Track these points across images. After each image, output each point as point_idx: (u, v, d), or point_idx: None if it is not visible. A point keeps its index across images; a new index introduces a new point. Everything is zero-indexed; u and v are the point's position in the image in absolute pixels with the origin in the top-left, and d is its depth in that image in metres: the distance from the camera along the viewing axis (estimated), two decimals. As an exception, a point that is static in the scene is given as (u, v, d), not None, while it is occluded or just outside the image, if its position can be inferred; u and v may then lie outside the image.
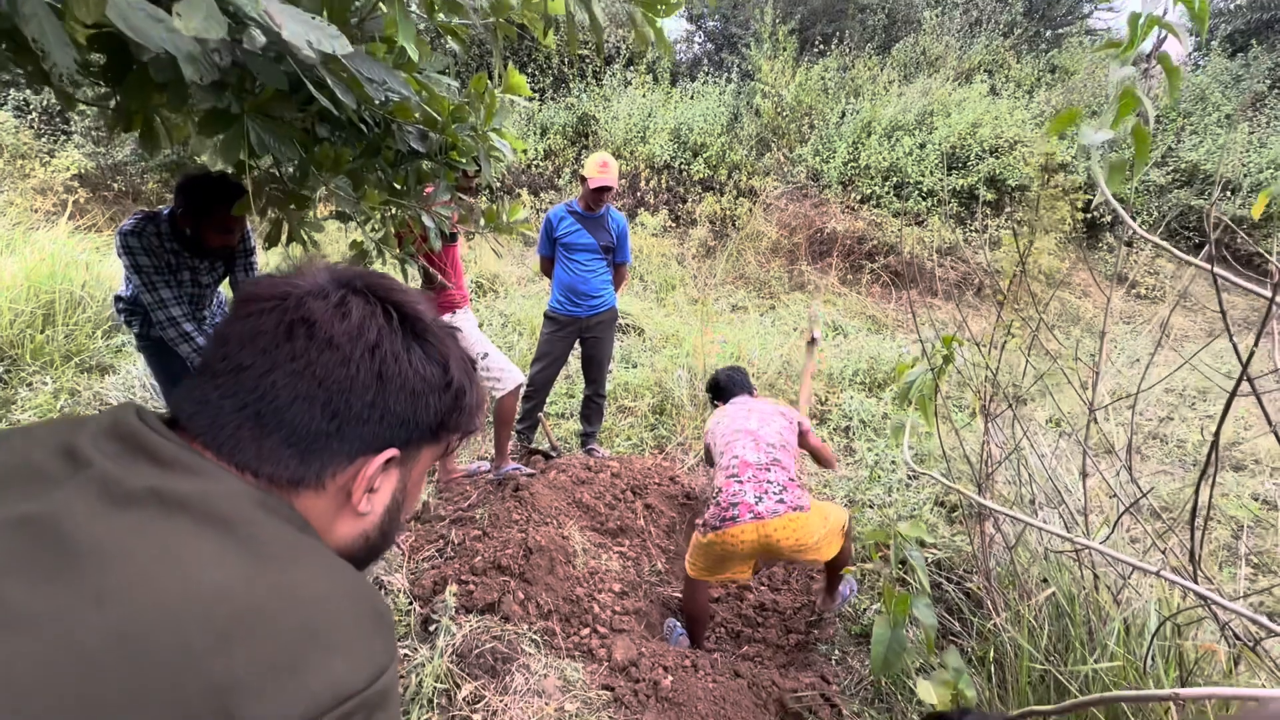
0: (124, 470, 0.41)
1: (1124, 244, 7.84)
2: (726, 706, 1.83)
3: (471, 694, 1.76)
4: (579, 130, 8.67)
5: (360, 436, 0.51)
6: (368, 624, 0.43)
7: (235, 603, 0.38)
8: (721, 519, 2.01)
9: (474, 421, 0.61)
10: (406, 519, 0.63)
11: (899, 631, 1.41)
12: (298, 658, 0.38)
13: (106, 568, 0.37)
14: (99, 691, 0.33)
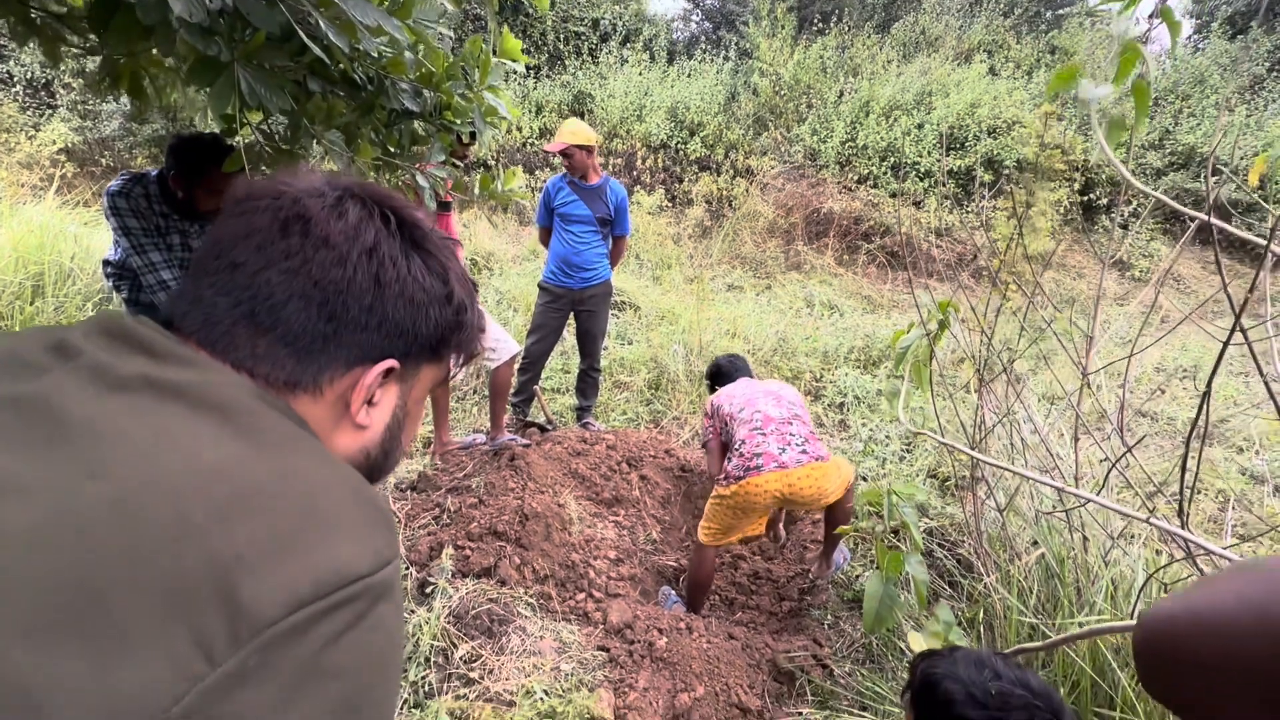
0: (116, 359, 0.41)
1: (1119, 226, 7.85)
2: (720, 666, 1.86)
3: (469, 653, 1.78)
4: (575, 108, 8.57)
5: (358, 343, 0.50)
6: (371, 516, 0.42)
7: (235, 481, 0.37)
8: (745, 469, 2.05)
9: (475, 342, 0.60)
10: (408, 442, 0.61)
11: (891, 587, 1.43)
12: (300, 538, 0.37)
13: (100, 442, 0.36)
14: (95, 559, 0.33)
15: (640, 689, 1.79)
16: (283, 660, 0.34)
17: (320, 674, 0.36)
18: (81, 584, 0.32)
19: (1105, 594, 1.58)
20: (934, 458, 3.03)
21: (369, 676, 0.39)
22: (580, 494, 2.70)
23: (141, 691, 0.31)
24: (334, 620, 0.37)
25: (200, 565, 0.34)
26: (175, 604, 0.33)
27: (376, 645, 0.39)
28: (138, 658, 0.32)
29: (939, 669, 0.84)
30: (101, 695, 0.31)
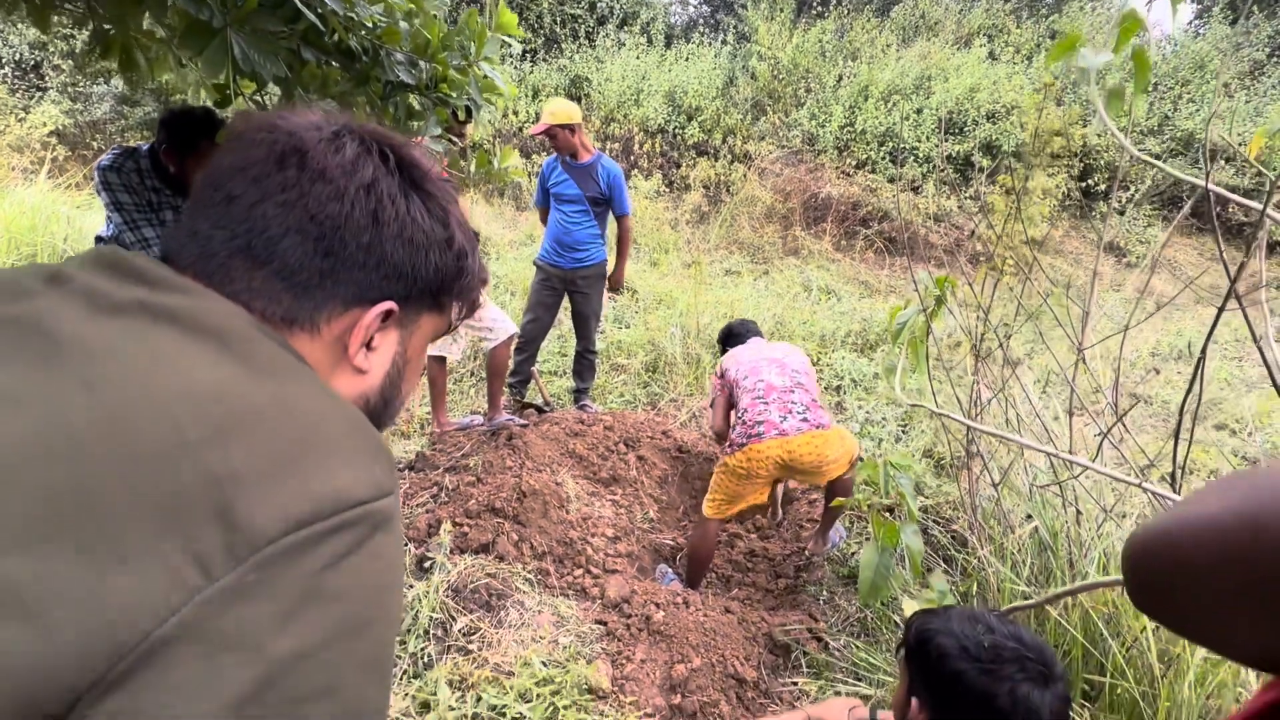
0: (110, 285, 0.40)
1: (1116, 212, 7.84)
2: (717, 639, 1.88)
3: (467, 626, 1.79)
4: (571, 93, 8.50)
5: (355, 282, 0.49)
6: (371, 447, 0.42)
7: (231, 402, 0.37)
8: (747, 436, 2.07)
9: (476, 291, 0.59)
10: (408, 393, 0.60)
11: (886, 557, 1.44)
12: (298, 461, 0.37)
13: (92, 359, 0.36)
14: (88, 469, 0.33)
15: (638, 660, 1.81)
16: (282, 579, 0.34)
17: (321, 596, 0.36)
18: (75, 493, 0.32)
19: (1097, 565, 1.59)
20: (930, 438, 3.04)
21: (370, 603, 0.38)
22: (578, 473, 2.71)
23: (137, 600, 0.31)
24: (333, 544, 0.37)
25: (196, 481, 0.34)
26: (170, 518, 0.33)
27: (377, 572, 0.39)
28: (133, 568, 0.31)
29: (933, 625, 0.85)
30: (97, 602, 0.31)
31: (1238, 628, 0.32)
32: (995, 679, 0.76)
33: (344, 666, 0.36)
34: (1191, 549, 0.33)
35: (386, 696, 0.40)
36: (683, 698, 1.69)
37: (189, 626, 0.32)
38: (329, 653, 0.36)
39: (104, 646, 0.30)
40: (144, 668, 0.30)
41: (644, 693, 1.71)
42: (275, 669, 0.33)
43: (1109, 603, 1.54)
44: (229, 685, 0.32)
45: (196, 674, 0.31)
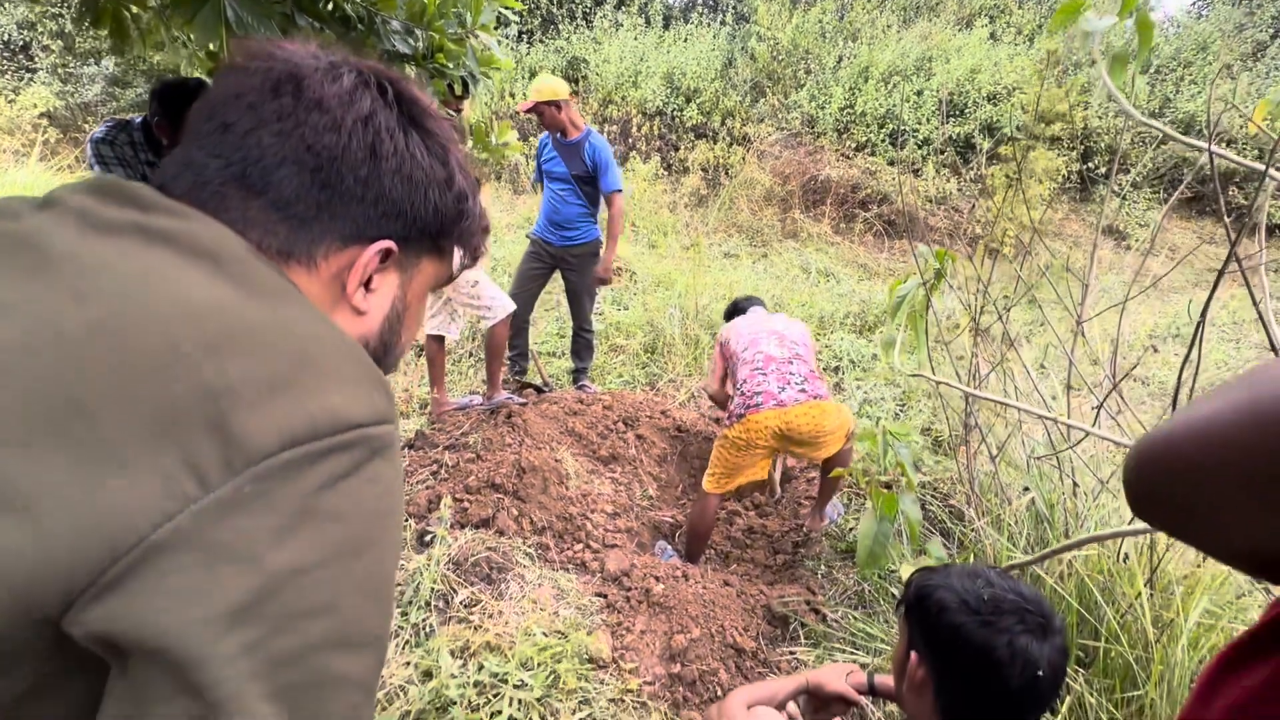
0: (102, 207, 0.40)
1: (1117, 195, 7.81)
2: (716, 610, 1.90)
3: (468, 598, 1.81)
4: (569, 74, 8.40)
5: (352, 217, 0.48)
6: (370, 376, 0.41)
7: (227, 318, 0.36)
8: (745, 406, 2.08)
9: (478, 236, 0.58)
10: (408, 340, 0.59)
11: (885, 526, 1.45)
12: (295, 381, 0.37)
13: (84, 272, 0.36)
14: (81, 376, 0.32)
15: (637, 631, 1.82)
16: (278, 495, 0.34)
17: (318, 514, 0.35)
18: (69, 398, 0.32)
19: (1093, 529, 1.61)
20: (928, 416, 3.05)
21: (369, 526, 0.38)
22: (577, 451, 2.72)
23: (132, 504, 0.31)
24: (330, 464, 0.36)
25: (191, 392, 0.33)
26: (165, 427, 0.32)
27: (375, 497, 0.39)
28: (127, 472, 0.31)
29: (933, 580, 0.86)
30: (90, 504, 0.31)
31: (1236, 527, 0.33)
32: (994, 630, 0.77)
33: (343, 586, 0.36)
34: (1195, 450, 0.33)
35: (387, 623, 0.40)
36: (682, 666, 1.71)
37: (185, 534, 0.31)
38: (327, 571, 0.35)
39: (98, 547, 0.30)
40: (140, 572, 0.30)
41: (644, 662, 1.73)
42: (273, 581, 0.33)
43: (1104, 571, 1.55)
44: (226, 594, 0.32)
45: (193, 581, 0.31)
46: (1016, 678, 0.76)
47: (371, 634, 0.38)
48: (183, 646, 0.31)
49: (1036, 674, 0.75)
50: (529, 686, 1.54)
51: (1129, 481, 0.39)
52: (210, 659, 0.31)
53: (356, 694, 0.37)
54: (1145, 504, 0.38)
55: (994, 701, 0.78)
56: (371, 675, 0.38)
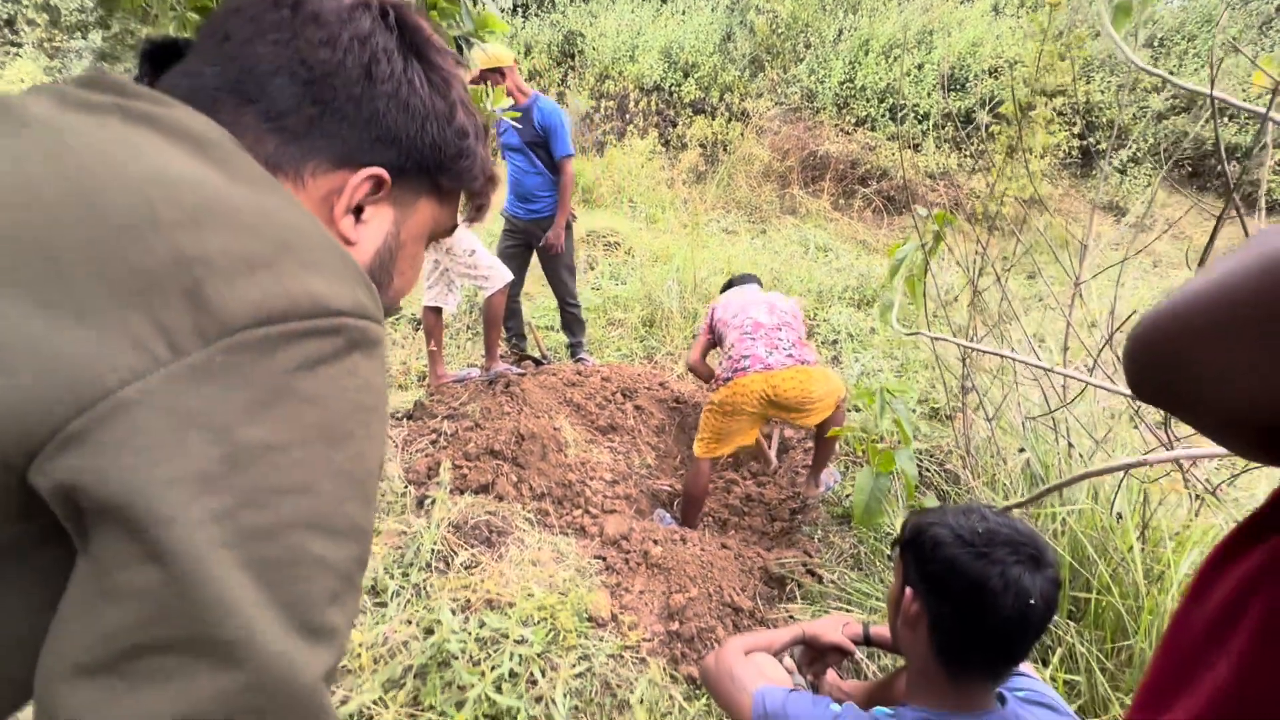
0: (84, 91, 0.39)
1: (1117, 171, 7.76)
2: (714, 571, 1.92)
3: (469, 559, 1.82)
4: (565, 49, 8.28)
5: (344, 138, 0.47)
6: (354, 273, 0.40)
7: (207, 194, 0.35)
8: (733, 370, 2.11)
9: (481, 182, 0.56)
10: (401, 286, 0.57)
11: (882, 480, 1.46)
12: (275, 261, 0.36)
13: (59, 136, 0.35)
14: (52, 228, 0.32)
15: (636, 592, 1.85)
16: (253, 370, 0.33)
17: (294, 396, 0.34)
18: (40, 252, 0.31)
19: (1087, 493, 1.62)
20: (925, 386, 3.06)
21: (348, 417, 0.37)
22: (575, 421, 2.73)
23: (100, 358, 0.30)
24: (308, 346, 0.35)
25: (164, 257, 0.33)
26: (136, 290, 0.32)
27: (355, 389, 0.38)
28: (95, 327, 0.31)
29: (928, 518, 0.87)
30: (56, 351, 0.30)
31: (1244, 385, 0.33)
32: (988, 562, 0.78)
33: (320, 470, 0.35)
34: (1205, 312, 0.33)
35: (369, 519, 0.39)
36: (680, 624, 1.73)
37: (155, 395, 0.31)
38: (302, 452, 0.34)
39: (63, 396, 0.30)
40: (107, 427, 0.30)
41: (642, 620, 1.75)
42: (243, 453, 0.32)
43: (1097, 527, 1.57)
44: (194, 459, 0.31)
45: (161, 442, 0.30)
46: (1009, 607, 0.77)
47: (352, 523, 0.37)
48: (146, 504, 0.30)
49: (1029, 603, 0.77)
50: (529, 642, 1.56)
51: (1134, 358, 0.39)
52: (176, 519, 0.30)
53: (336, 581, 0.36)
54: (1150, 377, 0.38)
55: (986, 632, 0.79)
56: (353, 566, 0.37)
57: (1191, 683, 0.43)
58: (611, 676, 1.55)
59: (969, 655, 0.82)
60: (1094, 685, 1.37)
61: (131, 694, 0.29)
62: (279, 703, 0.32)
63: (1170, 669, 0.46)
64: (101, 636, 0.30)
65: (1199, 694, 0.42)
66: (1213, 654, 0.42)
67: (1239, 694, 0.39)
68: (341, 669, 1.44)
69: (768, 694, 0.99)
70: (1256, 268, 0.31)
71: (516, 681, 1.48)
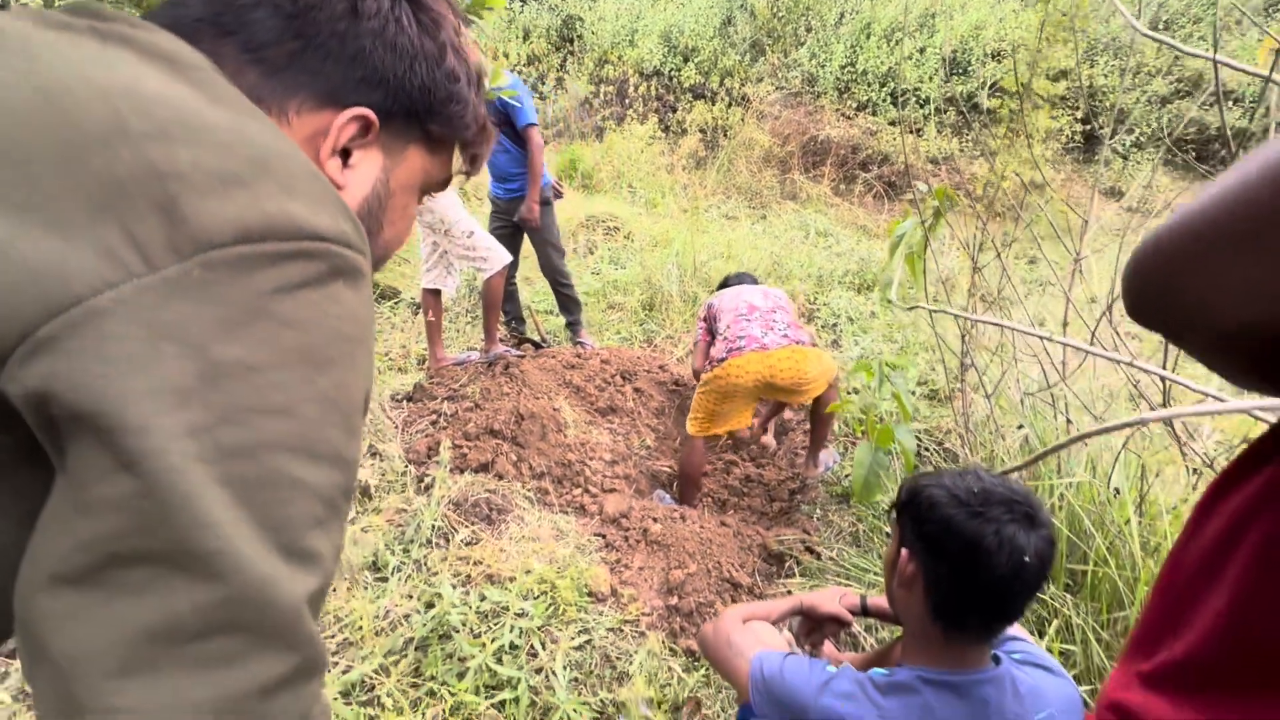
0: (60, 14, 0.38)
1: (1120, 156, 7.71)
2: (713, 548, 1.93)
3: (469, 536, 1.83)
4: (563, 34, 8.20)
5: (328, 75, 0.46)
6: (337, 203, 0.39)
7: (182, 110, 0.35)
8: (728, 350, 2.12)
9: (474, 134, 0.55)
10: (392, 238, 0.56)
11: (880, 455, 1.47)
12: (253, 181, 0.35)
13: (35, 49, 0.34)
14: (22, 142, 0.31)
15: (635, 568, 1.86)
16: (229, 289, 0.32)
17: (272, 318, 0.33)
18: (8, 159, 0.31)
19: (1085, 466, 1.63)
20: (925, 369, 3.06)
21: (331, 344, 0.36)
22: (575, 403, 2.73)
23: (69, 264, 0.30)
24: (287, 269, 0.34)
25: (137, 169, 0.32)
26: (107, 201, 0.31)
27: (338, 317, 0.37)
28: (65, 236, 0.30)
29: (925, 480, 0.87)
30: (22, 254, 0.30)
31: (1235, 306, 0.33)
32: (983, 520, 0.78)
33: (301, 394, 0.34)
34: (1200, 227, 0.33)
35: (353, 451, 0.38)
36: (679, 599, 1.74)
37: (127, 306, 0.30)
38: (282, 374, 0.33)
39: (30, 299, 0.29)
40: (79, 334, 0.29)
41: (642, 595, 1.76)
42: (219, 370, 0.31)
43: (1095, 501, 1.58)
44: (168, 371, 0.30)
45: (134, 352, 0.30)
46: (1003, 565, 0.77)
47: (335, 450, 0.36)
48: (120, 412, 0.29)
49: (1023, 561, 0.77)
50: (529, 615, 1.58)
51: (1134, 277, 0.38)
52: (151, 428, 0.29)
53: (319, 506, 0.35)
54: (1149, 296, 0.38)
55: (981, 590, 0.80)
56: (337, 493, 0.36)
57: (1187, 619, 0.43)
58: (611, 649, 1.57)
59: (964, 614, 0.82)
60: (1089, 656, 1.38)
61: (108, 604, 0.29)
62: (260, 621, 0.31)
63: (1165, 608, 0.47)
64: (78, 546, 0.29)
65: (1195, 628, 0.42)
66: (1208, 588, 0.42)
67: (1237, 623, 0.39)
68: (343, 640, 1.45)
69: (765, 658, 1.00)
70: (1257, 177, 0.30)
71: (517, 653, 1.50)
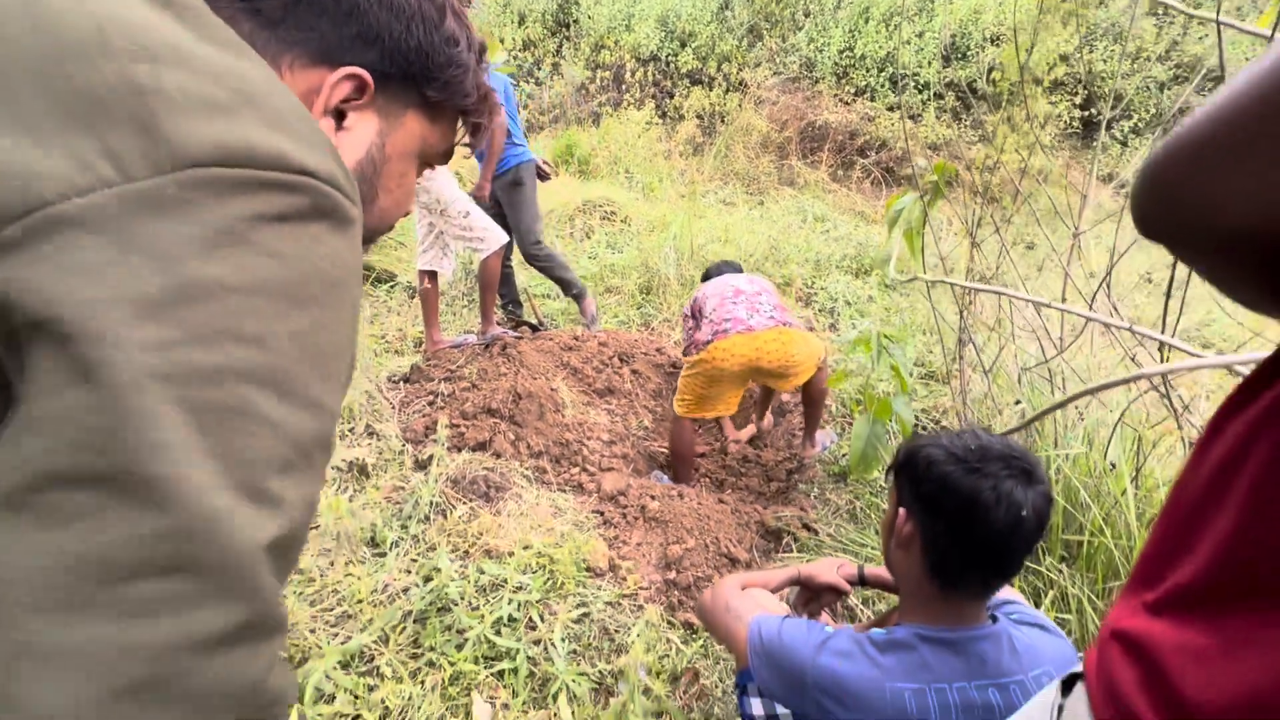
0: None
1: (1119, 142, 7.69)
2: (710, 524, 1.93)
3: (467, 513, 1.83)
4: (559, 19, 8.12)
5: (322, 31, 0.45)
6: (325, 142, 0.38)
7: (170, 39, 0.33)
8: (714, 333, 2.10)
9: (474, 101, 0.54)
10: (390, 207, 0.54)
11: (878, 427, 1.47)
12: (236, 110, 0.33)
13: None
14: (2, 51, 0.30)
15: (633, 544, 1.86)
16: (207, 208, 0.31)
17: (251, 246, 0.32)
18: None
19: (1082, 438, 1.63)
20: (921, 350, 3.07)
21: (312, 282, 0.34)
22: (573, 384, 2.73)
23: (37, 168, 0.29)
24: (270, 198, 0.33)
25: (117, 84, 0.30)
26: (85, 112, 0.30)
27: (321, 257, 0.35)
28: (36, 140, 0.29)
29: (922, 441, 0.87)
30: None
31: (1241, 210, 0.33)
32: (980, 476, 0.78)
33: (277, 325, 0.32)
34: (1212, 128, 0.33)
35: (333, 401, 0.36)
36: (677, 573, 1.75)
37: (99, 214, 0.29)
38: (258, 300, 0.32)
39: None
40: (43, 240, 0.28)
41: (640, 570, 1.77)
42: (191, 287, 0.30)
43: (1091, 473, 1.58)
44: (137, 283, 0.29)
45: (102, 260, 0.28)
46: (1000, 520, 0.77)
47: (310, 394, 0.34)
48: (80, 319, 0.27)
49: (1020, 515, 0.77)
50: (528, 589, 1.58)
51: (1143, 186, 0.38)
52: (108, 338, 0.27)
53: (288, 448, 0.32)
54: (1157, 204, 0.38)
55: (979, 545, 0.80)
56: (309, 441, 0.34)
57: (1193, 545, 0.43)
58: (609, 622, 1.57)
59: (962, 571, 0.83)
60: (1085, 625, 1.39)
61: (40, 528, 0.27)
62: (207, 561, 0.29)
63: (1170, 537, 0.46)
64: (18, 464, 0.27)
65: (1201, 552, 0.42)
66: (1215, 509, 0.41)
67: (1244, 540, 0.38)
68: (341, 613, 1.46)
69: (763, 622, 1.00)
70: (1243, 88, 0.30)
71: (515, 626, 1.50)
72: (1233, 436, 0.41)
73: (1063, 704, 0.50)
